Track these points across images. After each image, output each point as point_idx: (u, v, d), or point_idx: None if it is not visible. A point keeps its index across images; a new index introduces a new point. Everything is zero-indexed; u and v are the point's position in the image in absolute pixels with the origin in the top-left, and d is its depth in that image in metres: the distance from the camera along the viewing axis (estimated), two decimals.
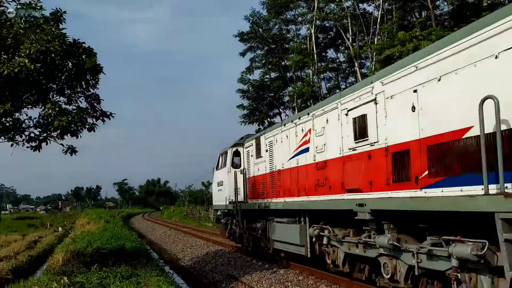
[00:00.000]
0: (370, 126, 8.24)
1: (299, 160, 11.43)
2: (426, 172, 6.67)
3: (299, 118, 11.54)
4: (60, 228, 35.50)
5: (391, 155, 7.60)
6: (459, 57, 6.11)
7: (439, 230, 6.66)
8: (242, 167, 16.18)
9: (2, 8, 9.12)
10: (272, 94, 36.76)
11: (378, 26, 26.52)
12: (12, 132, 10.06)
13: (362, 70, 29.60)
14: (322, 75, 33.69)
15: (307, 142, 10.97)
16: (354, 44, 29.57)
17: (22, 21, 9.07)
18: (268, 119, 36.59)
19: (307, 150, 11.00)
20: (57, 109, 9.19)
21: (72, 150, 10.29)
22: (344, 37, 30.17)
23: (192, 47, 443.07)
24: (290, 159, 12.03)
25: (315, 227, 10.65)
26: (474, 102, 5.51)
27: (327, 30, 33.52)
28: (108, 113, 10.28)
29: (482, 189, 5.43)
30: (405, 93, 7.22)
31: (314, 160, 10.58)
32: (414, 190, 6.92)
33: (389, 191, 7.58)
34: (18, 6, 9.16)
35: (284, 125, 12.53)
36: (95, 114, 10.02)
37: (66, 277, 9.55)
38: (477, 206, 5.49)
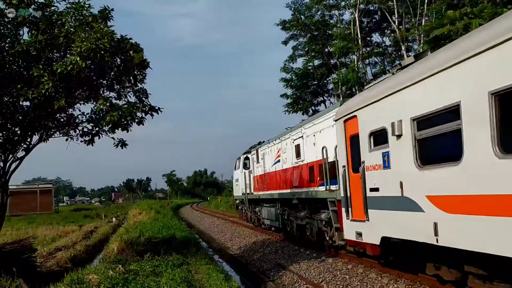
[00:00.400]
0: (301, 151, 14.78)
1: (276, 167, 17.87)
2: (318, 178, 12.97)
3: (275, 140, 17.95)
4: (114, 219, 36.89)
5: (308, 168, 13.97)
6: (325, 123, 12.62)
7: (325, 207, 12.47)
8: (250, 169, 22.51)
9: (53, 8, 9.49)
10: (316, 82, 36.20)
11: (425, 7, 25.44)
12: (67, 127, 10.53)
13: (410, 53, 28.56)
14: (367, 61, 32.83)
15: (279, 156, 17.40)
16: (401, 26, 28.56)
17: (72, 19, 9.38)
18: (313, 108, 36.12)
19: (279, 161, 17.45)
20: (108, 104, 9.49)
21: (122, 143, 10.64)
22: (390, 20, 29.17)
23: (238, 38, 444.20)
24: (272, 165, 18.45)
25: (281, 209, 17.49)
26: (328, 146, 12.01)
27: (372, 14, 32.55)
28: (157, 108, 10.51)
29: (326, 188, 12.13)
30: (312, 135, 13.81)
31: (282, 168, 16.97)
32: (314, 187, 13.35)
33: (308, 188, 14.04)
34: (68, 5, 9.49)
35: (269, 143, 18.99)
36: (144, 109, 10.28)
37: (121, 265, 9.92)
38: (322, 195, 12.43)
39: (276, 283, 10.74)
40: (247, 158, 23.04)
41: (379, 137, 8.47)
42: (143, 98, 10.51)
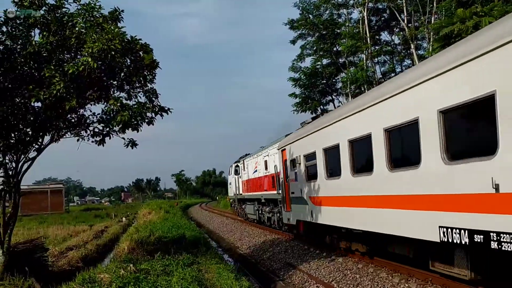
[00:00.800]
0: (268, 165, 21.15)
1: (255, 175, 24.32)
2: (277, 185, 18.84)
3: (255, 155, 24.44)
4: (124, 219, 37.11)
5: (272, 177, 20.09)
6: (275, 149, 18.74)
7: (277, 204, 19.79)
8: (239, 175, 29.23)
9: (64, 9, 9.56)
10: (325, 81, 36.09)
11: (435, 5, 25.26)
12: (78, 128, 10.60)
13: (419, 51, 28.37)
14: (376, 59, 32.68)
15: (257, 167, 23.97)
16: (410, 25, 28.37)
17: (83, 21, 9.45)
18: (321, 107, 36.01)
19: (256, 170, 23.98)
20: (118, 104, 9.53)
21: (133, 143, 10.69)
22: (399, 18, 29.01)
23: (240, 38, 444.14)
24: (253, 173, 24.96)
25: (258, 206, 24.33)
26: (278, 164, 18.42)
27: (380, 12, 32.39)
28: (167, 108, 10.54)
29: (277, 192, 19.10)
30: (273, 155, 19.96)
31: (258, 176, 23.39)
32: (273, 191, 19.92)
33: (271, 191, 20.25)
34: (79, 7, 9.56)
35: (251, 157, 25.66)
36: (154, 109, 10.31)
37: (132, 265, 9.98)
38: (275, 196, 19.92)
39: (286, 282, 10.74)
40: (237, 166, 29.57)
41: (294, 163, 14.85)
42: (153, 98, 10.54)
